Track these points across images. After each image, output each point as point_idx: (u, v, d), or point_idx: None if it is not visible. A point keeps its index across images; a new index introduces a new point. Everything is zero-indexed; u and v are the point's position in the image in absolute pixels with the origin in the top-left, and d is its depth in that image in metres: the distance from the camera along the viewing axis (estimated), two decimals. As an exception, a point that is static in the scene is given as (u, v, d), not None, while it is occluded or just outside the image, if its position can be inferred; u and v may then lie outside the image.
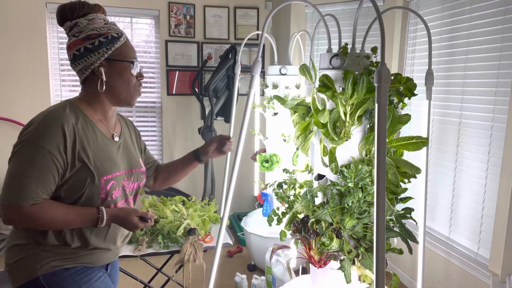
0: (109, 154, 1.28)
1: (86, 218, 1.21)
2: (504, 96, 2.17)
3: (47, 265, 1.23)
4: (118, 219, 1.26)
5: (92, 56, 1.22)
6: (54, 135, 1.15)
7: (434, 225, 2.74)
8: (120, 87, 1.27)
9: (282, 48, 3.55)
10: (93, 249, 1.29)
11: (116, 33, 1.25)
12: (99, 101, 1.29)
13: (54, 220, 1.17)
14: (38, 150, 1.13)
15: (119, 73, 1.26)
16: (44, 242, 1.22)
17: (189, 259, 1.96)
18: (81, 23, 1.24)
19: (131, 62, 1.27)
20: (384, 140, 1.14)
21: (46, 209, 1.16)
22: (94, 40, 1.22)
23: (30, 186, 1.13)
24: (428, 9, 2.73)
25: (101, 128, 1.29)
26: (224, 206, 1.49)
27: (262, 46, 1.57)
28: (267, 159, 2.95)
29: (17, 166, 1.15)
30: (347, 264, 1.45)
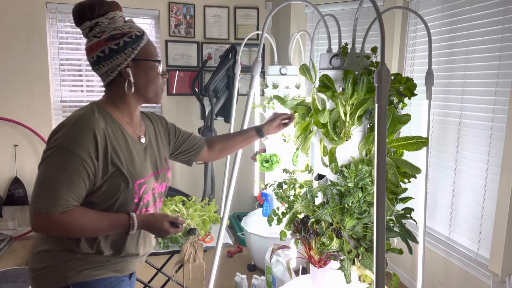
0: (139, 157, 1.24)
1: (117, 225, 1.17)
2: (504, 96, 2.17)
3: (79, 274, 1.18)
4: (149, 225, 1.21)
5: (118, 57, 1.17)
6: (85, 140, 1.10)
7: (434, 225, 2.74)
8: (148, 87, 1.23)
9: (282, 48, 3.55)
10: (124, 256, 1.25)
11: (139, 32, 1.21)
12: (126, 102, 1.24)
13: (84, 227, 1.13)
14: (69, 155, 1.09)
15: (146, 73, 1.22)
16: (77, 249, 1.18)
17: (189, 259, 1.96)
18: (102, 22, 1.18)
19: (157, 61, 1.23)
20: (384, 140, 1.14)
21: (77, 216, 1.12)
22: (119, 40, 1.17)
23: (61, 193, 1.08)
24: (428, 9, 2.73)
25: (129, 131, 1.25)
26: (224, 206, 1.49)
27: (262, 46, 1.57)
28: (267, 159, 2.95)
29: (48, 172, 1.10)
30: (347, 264, 1.45)
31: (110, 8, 1.19)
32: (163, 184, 1.35)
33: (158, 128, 1.42)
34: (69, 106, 3.75)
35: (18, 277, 2.63)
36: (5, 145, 3.60)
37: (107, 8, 1.19)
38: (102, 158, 1.13)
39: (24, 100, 3.57)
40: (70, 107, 3.75)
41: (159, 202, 1.35)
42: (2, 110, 3.54)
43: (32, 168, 3.64)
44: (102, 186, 1.15)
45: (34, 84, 3.58)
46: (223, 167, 2.99)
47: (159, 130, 1.42)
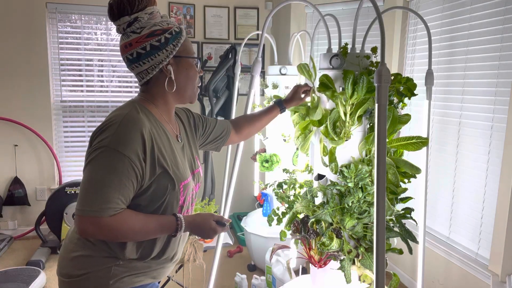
0: (180, 157, 1.21)
1: (165, 227, 1.13)
2: (504, 96, 2.17)
3: (120, 282, 1.14)
4: (196, 226, 1.18)
5: (160, 54, 1.13)
6: (133, 141, 1.06)
7: (434, 225, 2.73)
8: (187, 84, 1.20)
9: (282, 48, 3.55)
10: (164, 260, 1.23)
11: (177, 28, 1.17)
12: (165, 101, 1.20)
13: (133, 231, 1.08)
14: (118, 156, 1.04)
15: (186, 70, 1.19)
16: (121, 255, 1.14)
17: (189, 259, 1.96)
18: (142, 18, 1.13)
19: (198, 58, 1.21)
20: (384, 140, 1.14)
21: (125, 219, 1.07)
22: (160, 36, 1.13)
23: (111, 196, 1.03)
24: (428, 9, 2.73)
25: (169, 130, 1.21)
26: (224, 206, 1.49)
27: (262, 46, 1.57)
28: (267, 159, 2.94)
29: (97, 174, 1.04)
30: (347, 264, 1.45)
31: (149, 2, 1.15)
32: (198, 184, 1.33)
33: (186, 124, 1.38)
34: (69, 106, 3.75)
35: (18, 277, 2.63)
36: (5, 145, 3.60)
37: (147, 2, 1.14)
38: (150, 159, 1.09)
39: (24, 100, 3.57)
40: (70, 107, 3.75)
41: (194, 203, 1.33)
42: (2, 110, 3.54)
43: (32, 168, 3.64)
44: (149, 188, 1.11)
45: (34, 84, 3.58)
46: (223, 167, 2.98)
47: (189, 127, 1.38)
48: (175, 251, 1.26)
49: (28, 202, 3.64)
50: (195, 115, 1.44)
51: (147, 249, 1.17)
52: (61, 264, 1.19)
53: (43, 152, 3.65)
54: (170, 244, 1.21)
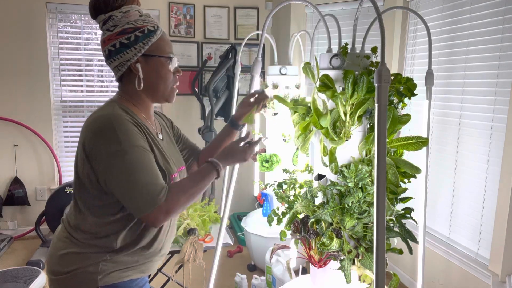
0: (166, 152, 1.24)
1: (207, 172, 1.21)
2: (504, 96, 2.17)
3: (108, 276, 1.17)
4: (229, 155, 1.26)
5: (128, 52, 1.16)
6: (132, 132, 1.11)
7: (434, 225, 2.73)
8: (158, 84, 1.21)
9: (282, 48, 3.55)
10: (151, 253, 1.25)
11: (152, 26, 1.18)
12: (140, 98, 1.23)
13: (189, 191, 1.15)
14: (133, 151, 1.09)
15: (157, 69, 1.20)
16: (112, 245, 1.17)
17: (189, 259, 1.96)
18: (116, 16, 1.16)
19: (169, 57, 1.20)
20: (384, 140, 1.14)
21: (176, 192, 1.12)
22: (130, 34, 1.15)
23: (153, 185, 1.09)
24: (428, 9, 2.73)
25: (149, 127, 1.24)
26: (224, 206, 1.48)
27: (262, 46, 1.57)
28: (267, 159, 2.94)
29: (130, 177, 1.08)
30: (347, 264, 1.45)
31: (125, 2, 1.18)
32: None
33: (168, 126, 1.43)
34: (69, 106, 3.75)
35: (18, 277, 2.62)
36: (5, 145, 3.60)
37: (122, 1, 1.17)
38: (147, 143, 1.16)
39: (24, 100, 3.57)
40: (70, 107, 3.76)
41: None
42: (2, 110, 3.54)
43: (32, 168, 3.64)
44: None
45: (34, 84, 3.58)
46: (223, 167, 2.99)
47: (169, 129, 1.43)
48: (162, 243, 1.27)
49: (28, 202, 3.64)
50: (174, 126, 1.49)
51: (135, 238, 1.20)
52: (49, 262, 1.22)
53: (43, 152, 3.65)
54: (158, 236, 1.24)
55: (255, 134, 3.17)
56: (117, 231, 1.17)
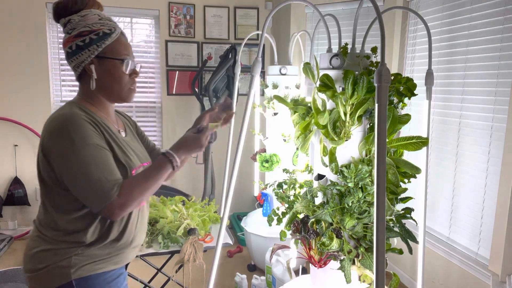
0: (127, 147, 1.29)
1: (162, 165, 1.21)
2: (504, 96, 2.17)
3: (80, 270, 1.21)
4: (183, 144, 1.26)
5: (83, 54, 1.20)
6: (88, 129, 1.16)
7: (434, 225, 2.73)
8: (112, 85, 1.25)
9: (282, 48, 3.55)
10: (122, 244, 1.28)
11: (109, 29, 1.22)
12: (97, 98, 1.27)
13: (143, 185, 1.17)
14: (88, 148, 1.13)
15: (110, 71, 1.23)
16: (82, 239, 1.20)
17: (189, 259, 1.96)
18: (74, 19, 1.22)
19: (122, 60, 1.24)
20: (384, 140, 1.14)
21: (129, 185, 1.16)
22: (85, 37, 1.20)
23: (105, 181, 1.13)
24: (428, 9, 2.73)
25: (109, 125, 1.27)
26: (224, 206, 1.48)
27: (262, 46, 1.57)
28: (267, 159, 2.94)
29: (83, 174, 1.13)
30: (347, 264, 1.45)
31: (84, 6, 1.23)
32: None
33: (133, 126, 1.49)
34: (69, 106, 3.75)
35: (18, 277, 2.63)
36: (5, 145, 3.60)
37: (81, 5, 1.23)
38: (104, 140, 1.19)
39: (24, 100, 3.57)
40: (70, 107, 3.75)
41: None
42: (2, 110, 3.54)
43: (32, 168, 3.63)
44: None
45: (34, 84, 3.58)
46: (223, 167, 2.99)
47: (134, 127, 1.49)
48: (132, 235, 1.30)
49: (28, 202, 3.64)
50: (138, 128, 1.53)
51: (104, 232, 1.23)
52: (24, 261, 1.26)
53: (43, 152, 3.65)
54: (127, 228, 1.27)
55: (255, 133, 3.17)
56: (85, 226, 1.21)
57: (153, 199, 2.37)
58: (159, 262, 2.46)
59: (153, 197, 2.39)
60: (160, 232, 2.12)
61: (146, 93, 3.96)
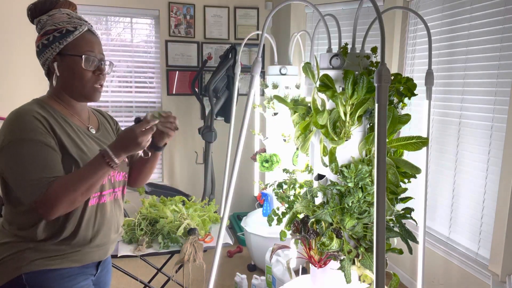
0: (89, 144, 1.26)
1: (96, 163, 1.16)
2: (504, 96, 2.17)
3: (31, 264, 1.20)
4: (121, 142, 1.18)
5: (47, 52, 1.24)
6: (33, 126, 1.15)
7: (434, 225, 2.73)
8: (73, 82, 1.25)
9: (282, 48, 3.55)
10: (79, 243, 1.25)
11: (73, 27, 1.23)
12: (63, 96, 1.27)
13: (74, 185, 1.13)
14: (28, 143, 1.13)
15: (71, 67, 1.24)
16: (33, 236, 1.19)
17: (189, 259, 1.96)
18: (43, 19, 1.26)
19: (81, 56, 1.23)
20: (384, 140, 1.14)
21: (60, 182, 1.13)
22: (49, 35, 1.23)
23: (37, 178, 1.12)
24: (428, 9, 2.73)
25: (74, 121, 1.27)
26: (224, 206, 1.48)
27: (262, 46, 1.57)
28: (267, 159, 2.94)
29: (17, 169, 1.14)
30: (347, 264, 1.45)
31: (53, 6, 1.27)
32: (121, 173, 1.38)
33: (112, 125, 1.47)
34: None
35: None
36: (5, 145, 3.59)
37: (50, 5, 1.26)
38: (54, 137, 1.17)
39: (24, 100, 3.56)
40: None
41: (118, 190, 1.37)
42: (2, 110, 3.54)
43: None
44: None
45: (34, 84, 3.58)
46: (223, 167, 2.99)
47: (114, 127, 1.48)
48: (91, 233, 1.26)
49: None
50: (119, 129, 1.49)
51: (57, 229, 1.21)
52: None
53: (43, 152, 3.65)
54: (81, 226, 1.23)
55: (255, 133, 3.17)
56: (35, 221, 1.20)
57: (153, 199, 2.37)
58: (159, 262, 2.46)
59: (153, 197, 2.39)
60: (160, 232, 2.12)
61: (146, 93, 3.96)
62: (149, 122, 1.19)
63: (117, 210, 1.38)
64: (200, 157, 3.90)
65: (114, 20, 3.86)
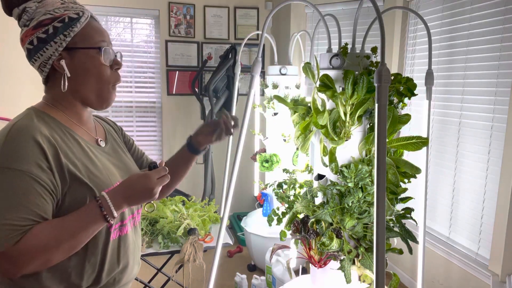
0: (101, 162, 1.02)
1: (89, 215, 0.90)
2: (504, 96, 2.17)
3: None
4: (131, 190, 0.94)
5: (48, 48, 0.95)
6: (28, 152, 0.87)
7: (434, 225, 2.73)
8: (87, 82, 0.99)
9: (282, 48, 3.55)
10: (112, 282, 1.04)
11: (76, 14, 0.97)
12: (69, 103, 1.01)
13: (55, 239, 0.87)
14: (11, 174, 0.85)
15: (85, 64, 0.98)
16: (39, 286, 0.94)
17: (189, 259, 1.96)
18: (30, 7, 0.96)
19: (98, 48, 0.99)
20: (384, 140, 1.14)
21: (37, 233, 0.85)
22: (48, 26, 0.94)
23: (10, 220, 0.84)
24: (428, 9, 2.73)
25: (81, 134, 1.02)
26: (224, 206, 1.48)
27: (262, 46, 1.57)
28: (267, 159, 2.94)
29: None
30: (347, 264, 1.45)
31: None
32: None
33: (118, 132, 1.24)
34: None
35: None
36: (5, 145, 3.59)
37: None
38: (56, 167, 0.90)
39: (24, 100, 3.57)
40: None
41: (137, 214, 1.14)
42: (2, 110, 3.54)
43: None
44: (64, 201, 0.92)
45: (34, 84, 3.58)
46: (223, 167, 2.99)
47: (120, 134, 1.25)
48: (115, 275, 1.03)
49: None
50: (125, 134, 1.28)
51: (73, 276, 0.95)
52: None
53: (43, 152, 3.65)
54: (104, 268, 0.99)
55: (255, 133, 3.17)
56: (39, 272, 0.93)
57: (153, 199, 2.37)
58: (159, 262, 2.46)
59: (153, 197, 2.38)
60: (160, 232, 2.12)
61: (146, 93, 3.96)
62: (166, 168, 0.99)
63: (138, 238, 1.15)
64: (200, 157, 3.90)
65: (114, 20, 3.86)
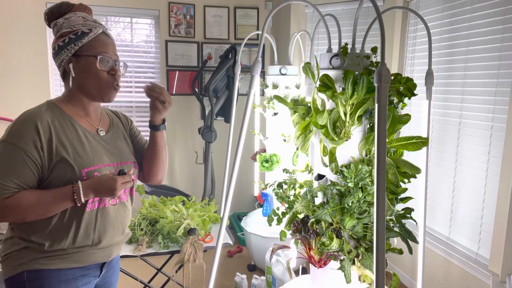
0: (92, 147, 1.29)
1: (63, 195, 1.20)
2: (504, 96, 2.17)
3: (33, 262, 1.24)
4: (98, 185, 1.23)
5: (63, 53, 1.26)
6: (27, 133, 1.18)
7: (434, 225, 2.73)
8: (88, 83, 1.28)
9: (282, 48, 3.55)
10: (81, 247, 1.28)
11: (88, 29, 1.26)
12: (76, 97, 1.31)
13: (32, 205, 1.18)
14: (12, 148, 1.17)
15: (86, 68, 1.27)
16: (29, 239, 1.24)
17: (189, 259, 1.96)
18: (59, 22, 1.28)
19: (96, 56, 1.26)
20: (384, 140, 1.14)
21: (20, 197, 1.18)
22: (65, 37, 1.25)
23: (2, 181, 1.16)
24: (428, 9, 2.73)
25: (83, 124, 1.31)
26: (224, 206, 1.48)
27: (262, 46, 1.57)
28: (267, 159, 2.94)
29: None
30: (347, 264, 1.45)
31: (69, 10, 1.30)
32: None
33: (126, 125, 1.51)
34: (69, 106, 3.75)
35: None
36: (5, 145, 3.59)
37: (66, 9, 1.30)
38: (47, 148, 1.20)
39: (24, 100, 3.57)
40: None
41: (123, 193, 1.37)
42: (2, 110, 3.53)
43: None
44: (49, 176, 1.21)
45: (34, 84, 3.58)
46: (223, 167, 2.99)
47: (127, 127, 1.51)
48: (92, 238, 1.29)
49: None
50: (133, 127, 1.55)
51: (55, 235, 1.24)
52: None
53: (43, 152, 3.65)
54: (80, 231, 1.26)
55: (255, 133, 3.17)
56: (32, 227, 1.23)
57: (153, 199, 2.37)
58: (159, 262, 2.46)
59: (153, 197, 2.39)
60: (160, 232, 2.12)
61: (146, 93, 3.96)
62: (131, 176, 1.29)
63: (123, 213, 1.39)
64: (200, 157, 3.90)
65: (114, 20, 3.86)
